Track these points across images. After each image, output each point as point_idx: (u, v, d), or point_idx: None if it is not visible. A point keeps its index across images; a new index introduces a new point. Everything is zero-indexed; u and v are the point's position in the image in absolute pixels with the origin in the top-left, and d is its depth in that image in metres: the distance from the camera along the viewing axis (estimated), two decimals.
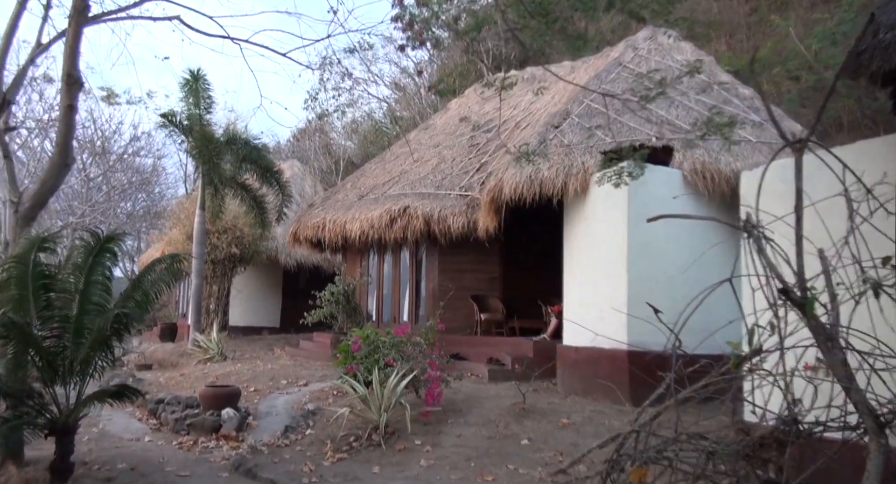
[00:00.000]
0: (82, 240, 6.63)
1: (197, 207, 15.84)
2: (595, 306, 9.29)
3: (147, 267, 6.93)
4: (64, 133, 7.60)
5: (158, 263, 6.93)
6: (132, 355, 15.78)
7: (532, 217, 11.09)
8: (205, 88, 14.82)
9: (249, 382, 11.45)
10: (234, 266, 18.57)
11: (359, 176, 16.78)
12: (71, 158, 7.75)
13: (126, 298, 6.68)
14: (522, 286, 14.04)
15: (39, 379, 6.33)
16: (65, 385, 6.37)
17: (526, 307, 13.66)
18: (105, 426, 9.44)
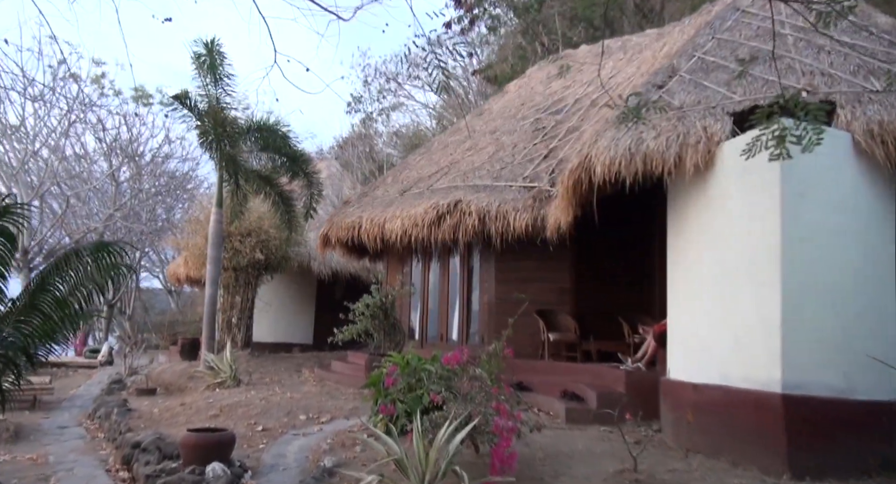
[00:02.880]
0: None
1: (213, 204, 13.59)
2: (725, 327, 6.64)
3: (61, 259, 4.56)
4: None
5: (79, 254, 4.58)
6: (137, 376, 13.57)
7: (611, 212, 8.51)
8: (220, 62, 12.61)
9: (259, 418, 9.05)
10: (259, 274, 16.29)
11: (401, 169, 14.37)
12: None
13: (25, 310, 4.31)
14: (599, 299, 11.47)
15: None
16: None
17: (604, 326, 11.09)
18: (60, 480, 7.11)
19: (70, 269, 4.59)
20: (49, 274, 4.47)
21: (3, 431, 8.76)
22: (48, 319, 4.49)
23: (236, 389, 11.32)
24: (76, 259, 4.52)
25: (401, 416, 7.08)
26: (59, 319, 4.52)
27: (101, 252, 4.51)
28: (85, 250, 4.42)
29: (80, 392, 13.78)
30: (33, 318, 4.45)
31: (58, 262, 4.43)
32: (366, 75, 30.68)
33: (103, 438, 9.11)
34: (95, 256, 4.57)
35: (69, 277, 4.58)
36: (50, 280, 4.47)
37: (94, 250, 4.45)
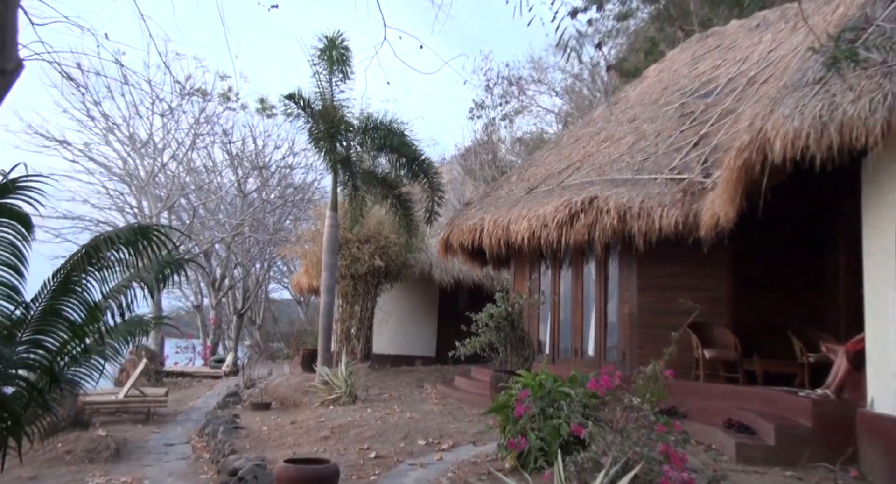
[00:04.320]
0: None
1: (328, 209, 12.88)
2: None
3: (90, 249, 3.59)
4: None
5: (113, 242, 3.60)
6: (254, 389, 13.02)
7: (777, 204, 6.90)
8: (343, 58, 11.85)
9: (373, 442, 8.05)
10: (378, 282, 15.50)
11: (527, 166, 13.13)
12: (10, 59, 4.66)
13: (45, 318, 3.41)
14: (762, 310, 9.83)
15: None
16: None
17: (768, 341, 9.42)
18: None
19: (101, 262, 3.69)
20: (74, 269, 3.57)
21: (104, 449, 8.24)
22: (76, 330, 3.59)
23: (351, 407, 10.44)
24: (109, 248, 3.60)
25: (533, 449, 5.84)
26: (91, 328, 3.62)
27: (141, 238, 3.58)
28: (120, 237, 3.50)
29: (199, 404, 13.41)
30: (56, 327, 3.58)
31: (87, 251, 3.51)
32: (488, 80, 29.68)
33: (208, 458, 8.40)
34: (133, 243, 3.65)
35: (101, 272, 3.67)
36: (75, 278, 3.58)
37: (131, 237, 3.52)
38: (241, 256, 26.89)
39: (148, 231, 3.60)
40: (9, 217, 3.46)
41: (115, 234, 3.47)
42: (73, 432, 8.80)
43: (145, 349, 16.48)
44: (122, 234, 3.49)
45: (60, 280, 3.44)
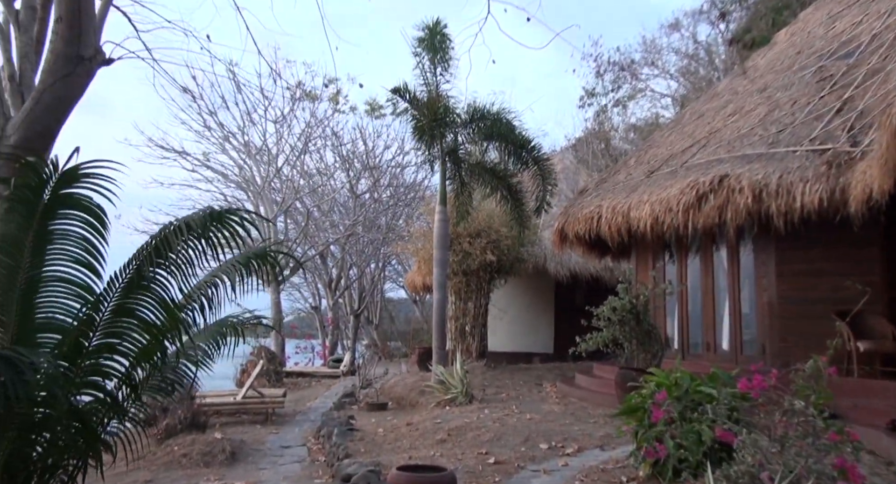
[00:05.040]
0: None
1: (436, 203, 12.50)
2: None
3: (163, 239, 3.20)
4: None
5: (189, 229, 3.22)
6: (370, 389, 12.84)
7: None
8: (444, 47, 11.45)
9: (491, 445, 7.55)
10: (491, 278, 15.00)
11: (646, 148, 12.26)
12: (89, 45, 4.45)
13: (116, 318, 3.08)
14: None
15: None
16: None
17: None
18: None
19: (177, 255, 3.35)
20: (146, 261, 3.25)
21: (219, 452, 8.15)
22: (153, 331, 3.27)
23: (468, 407, 9.99)
24: (184, 236, 3.24)
25: (671, 456, 5.15)
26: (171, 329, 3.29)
27: (216, 224, 3.20)
28: (195, 224, 3.14)
29: (316, 405, 13.38)
30: (130, 329, 3.27)
31: (161, 241, 3.17)
32: (598, 66, 28.56)
33: (324, 461, 8.17)
34: (207, 230, 3.27)
35: (176, 267, 3.31)
36: (147, 273, 3.25)
37: (204, 224, 3.14)
38: (356, 256, 27.13)
39: (222, 217, 3.23)
40: (76, 208, 3.20)
41: (187, 223, 3.12)
42: (189, 435, 8.80)
43: (265, 350, 16.73)
44: (195, 222, 3.14)
45: (130, 276, 3.14)
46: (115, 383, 3.32)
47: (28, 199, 3.08)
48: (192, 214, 3.17)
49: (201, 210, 3.19)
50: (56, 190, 3.06)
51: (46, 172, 2.97)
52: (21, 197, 3.08)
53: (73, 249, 3.27)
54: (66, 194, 3.14)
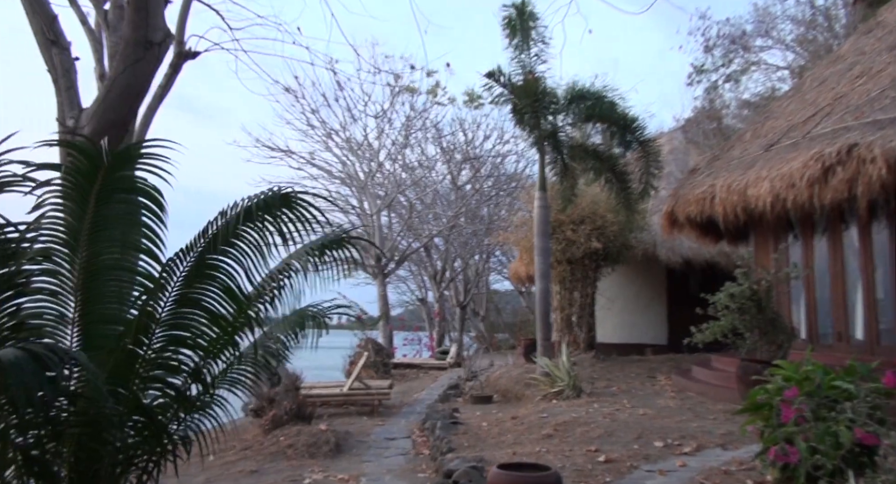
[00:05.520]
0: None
1: (536, 189, 12.07)
2: None
3: (226, 225, 2.96)
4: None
5: (255, 213, 2.96)
6: (475, 381, 12.60)
7: None
8: (533, 26, 11.02)
9: (601, 442, 7.12)
10: (597, 266, 14.41)
11: (763, 119, 11.34)
12: (158, 29, 4.32)
13: (178, 309, 2.90)
14: None
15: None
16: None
17: None
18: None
19: (242, 240, 3.14)
20: (209, 248, 2.98)
21: (324, 443, 8.11)
22: (221, 323, 3.08)
23: (576, 401, 9.57)
24: (249, 220, 3.03)
25: (804, 461, 4.59)
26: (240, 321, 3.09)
27: (283, 207, 2.96)
28: (259, 207, 2.90)
29: (423, 396, 13.28)
30: (195, 320, 3.09)
31: (224, 226, 2.94)
32: (706, 40, 27.06)
33: (428, 455, 7.97)
34: (273, 213, 3.04)
35: (241, 252, 3.09)
36: (211, 260, 3.04)
37: (269, 206, 2.90)
38: (460, 248, 27.03)
39: (289, 199, 3.00)
40: (132, 192, 3.06)
41: (250, 206, 2.90)
42: (296, 426, 8.83)
43: (371, 342, 16.83)
44: (260, 204, 2.92)
45: (192, 264, 2.97)
46: (183, 378, 3.18)
47: (82, 185, 2.97)
48: (256, 196, 2.95)
49: (264, 191, 2.97)
50: (110, 174, 2.93)
51: (99, 156, 2.84)
52: (75, 183, 2.97)
53: (130, 236, 3.15)
54: (120, 177, 3.01)
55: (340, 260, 3.27)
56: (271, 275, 3.14)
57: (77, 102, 4.57)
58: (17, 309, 3.03)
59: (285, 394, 9.52)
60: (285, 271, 3.15)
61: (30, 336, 3.00)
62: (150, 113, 6.18)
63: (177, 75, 6.45)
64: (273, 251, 3.08)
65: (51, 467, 2.86)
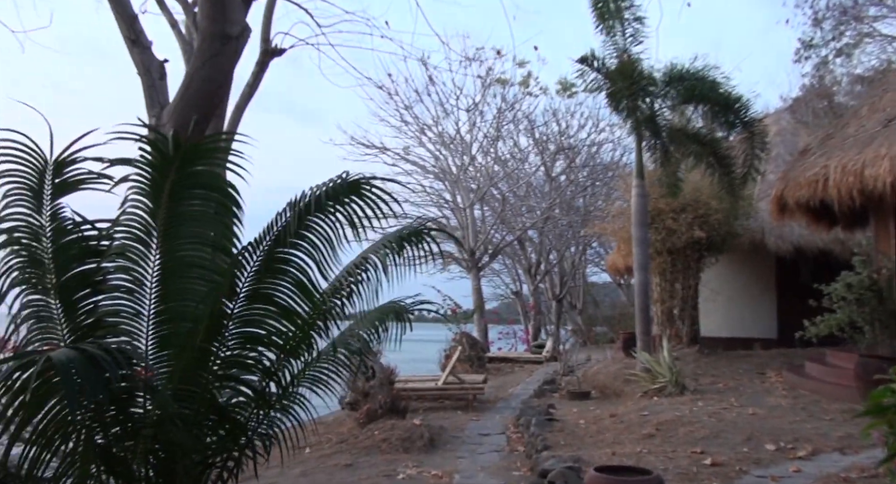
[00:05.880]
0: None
1: (633, 177, 11.59)
2: None
3: (297, 215, 2.80)
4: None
5: (328, 199, 2.79)
6: (571, 376, 12.28)
7: None
8: (625, 5, 10.53)
9: (707, 444, 6.72)
10: (700, 256, 13.73)
11: (880, 93, 10.45)
12: (235, 22, 4.24)
13: (250, 304, 2.80)
14: None
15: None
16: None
17: None
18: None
19: (312, 233, 2.95)
20: (278, 242, 2.85)
21: (418, 438, 8.02)
22: (296, 320, 2.96)
23: (679, 399, 9.11)
24: (319, 211, 2.86)
25: None
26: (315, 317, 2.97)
27: (353, 197, 2.80)
28: (327, 198, 2.75)
29: (518, 391, 13.05)
30: (268, 316, 2.99)
31: (293, 218, 2.79)
32: (815, 12, 25.41)
33: (523, 452, 7.76)
34: (343, 204, 2.90)
35: (313, 246, 2.95)
36: (281, 254, 2.92)
37: (338, 195, 2.74)
38: (555, 240, 26.62)
39: (358, 187, 2.84)
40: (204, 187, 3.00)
41: (319, 197, 2.75)
42: (390, 420, 8.81)
43: (466, 336, 16.74)
44: (329, 194, 2.77)
45: (263, 258, 2.86)
46: (259, 377, 3.10)
47: (155, 180, 2.92)
48: (324, 184, 2.81)
49: (332, 179, 2.83)
50: (182, 169, 2.87)
51: (171, 150, 2.79)
52: (149, 178, 2.93)
53: (204, 232, 3.10)
54: (193, 172, 2.95)
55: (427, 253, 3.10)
56: (347, 270, 3.02)
57: (159, 100, 4.63)
58: (95, 307, 3.05)
59: (380, 387, 9.52)
60: (362, 265, 3.02)
61: (107, 334, 3.02)
62: (238, 112, 6.24)
63: (264, 73, 6.49)
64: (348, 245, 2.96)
65: (130, 466, 2.85)
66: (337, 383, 3.34)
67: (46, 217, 3.10)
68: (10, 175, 3.09)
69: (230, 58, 4.19)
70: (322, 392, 3.38)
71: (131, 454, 2.84)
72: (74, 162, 3.10)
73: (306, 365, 3.15)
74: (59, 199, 3.12)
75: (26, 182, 3.09)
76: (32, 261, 3.06)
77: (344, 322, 3.20)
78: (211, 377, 2.91)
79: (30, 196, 3.09)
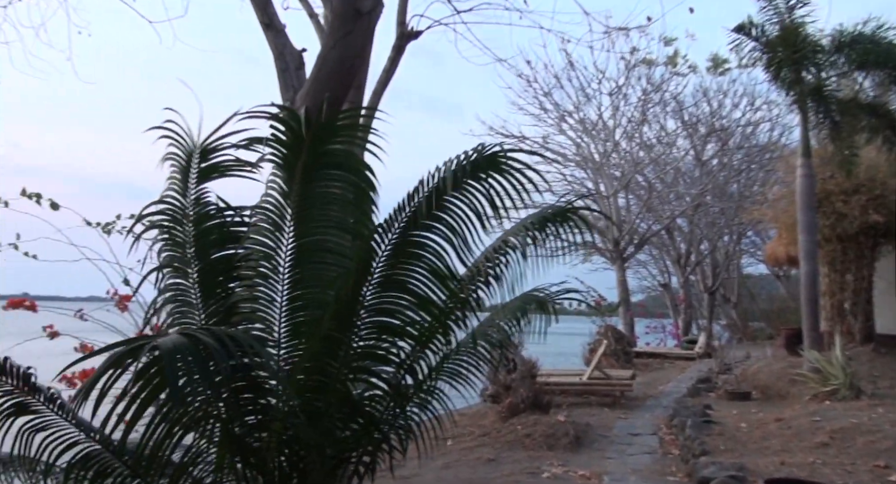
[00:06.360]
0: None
1: (798, 157, 10.54)
2: None
3: (432, 193, 2.50)
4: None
5: (464, 174, 2.48)
6: (728, 375, 11.44)
7: None
8: None
9: (890, 456, 5.96)
10: (875, 244, 12.35)
11: None
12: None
13: (381, 289, 2.61)
14: None
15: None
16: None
17: None
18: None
19: (448, 213, 2.62)
20: (411, 224, 2.58)
21: (563, 435, 7.70)
22: (432, 309, 2.71)
23: (854, 403, 8.18)
24: (456, 189, 2.55)
25: None
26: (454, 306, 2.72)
27: (492, 172, 2.50)
28: (463, 174, 2.46)
29: (669, 389, 12.35)
30: (401, 305, 2.73)
31: (427, 198, 2.54)
32: None
33: (677, 456, 7.24)
34: (480, 180, 2.55)
35: (449, 228, 2.67)
36: (413, 235, 2.61)
37: (475, 171, 2.46)
38: (706, 228, 25.22)
39: (495, 160, 2.53)
40: (338, 167, 2.82)
41: (455, 172, 2.47)
42: (532, 415, 8.53)
43: (611, 329, 16.14)
44: (467, 167, 2.48)
45: (395, 242, 2.63)
46: (394, 370, 2.90)
47: (287, 160, 2.78)
48: (458, 158, 2.53)
49: (467, 152, 2.55)
50: (313, 148, 2.71)
51: (303, 128, 2.63)
52: (281, 158, 2.79)
53: (336, 214, 2.94)
54: (325, 151, 2.77)
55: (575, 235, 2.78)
56: (486, 255, 2.75)
57: (293, 85, 4.59)
58: (231, 292, 2.99)
59: (521, 381, 9.26)
60: (501, 250, 2.74)
61: (242, 320, 2.95)
62: (375, 98, 6.14)
63: (400, 57, 6.36)
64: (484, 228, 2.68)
65: (264, 457, 2.74)
66: (476, 378, 3.08)
67: (191, 201, 3.10)
68: (169, 158, 3.13)
69: (363, 35, 4.04)
70: (461, 385, 3.15)
71: (265, 445, 2.74)
72: (219, 148, 3.08)
73: (444, 358, 2.92)
74: (204, 184, 3.11)
75: (177, 166, 3.11)
76: (175, 244, 3.07)
77: (480, 313, 2.93)
78: (344, 369, 2.75)
79: (178, 180, 3.11)
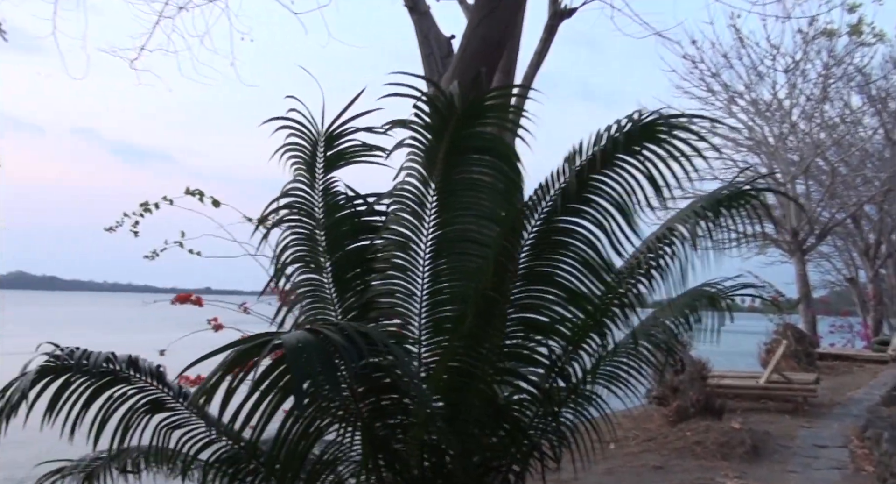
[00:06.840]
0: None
1: None
2: None
3: (585, 168, 2.15)
4: None
5: (616, 148, 2.10)
6: None
7: None
8: None
9: None
10: None
11: None
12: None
13: (529, 280, 2.30)
14: None
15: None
16: None
17: None
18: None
19: (599, 195, 2.28)
20: (556, 209, 2.25)
21: (738, 444, 7.04)
22: (584, 305, 2.36)
23: None
24: (607, 167, 2.21)
25: None
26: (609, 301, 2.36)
27: (652, 144, 2.10)
28: (616, 149, 2.08)
29: (859, 396, 11.09)
30: (548, 300, 2.42)
31: (575, 180, 2.19)
32: None
33: (872, 473, 6.38)
34: (635, 154, 2.20)
35: (601, 213, 2.33)
36: (559, 221, 2.31)
37: (630, 144, 2.06)
38: None
39: (653, 130, 2.13)
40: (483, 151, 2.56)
41: (605, 148, 2.11)
42: (703, 420, 7.92)
43: (791, 328, 14.83)
44: (620, 140, 2.10)
45: (539, 229, 2.31)
46: (544, 372, 2.60)
47: (429, 144, 2.57)
48: (609, 128, 2.17)
49: (619, 121, 2.18)
50: (459, 129, 2.47)
51: (447, 108, 2.39)
52: (422, 141, 2.58)
53: (479, 201, 2.68)
54: (469, 134, 2.53)
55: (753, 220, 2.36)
56: (648, 244, 2.39)
57: (437, 71, 4.41)
58: (366, 286, 2.83)
59: (690, 383, 8.65)
60: (666, 239, 2.36)
61: (379, 316, 2.79)
62: (526, 81, 5.86)
63: (552, 38, 6.02)
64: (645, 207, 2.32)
65: (407, 461, 2.55)
66: (638, 381, 2.73)
67: (318, 192, 2.97)
68: (293, 148, 3.01)
69: (510, 11, 3.74)
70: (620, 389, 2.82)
71: (407, 450, 2.56)
72: (345, 134, 2.93)
73: (600, 359, 2.60)
74: (332, 173, 2.97)
75: (301, 156, 2.99)
76: (306, 238, 2.95)
77: (640, 309, 2.57)
78: (489, 369, 2.50)
79: (304, 170, 2.99)
